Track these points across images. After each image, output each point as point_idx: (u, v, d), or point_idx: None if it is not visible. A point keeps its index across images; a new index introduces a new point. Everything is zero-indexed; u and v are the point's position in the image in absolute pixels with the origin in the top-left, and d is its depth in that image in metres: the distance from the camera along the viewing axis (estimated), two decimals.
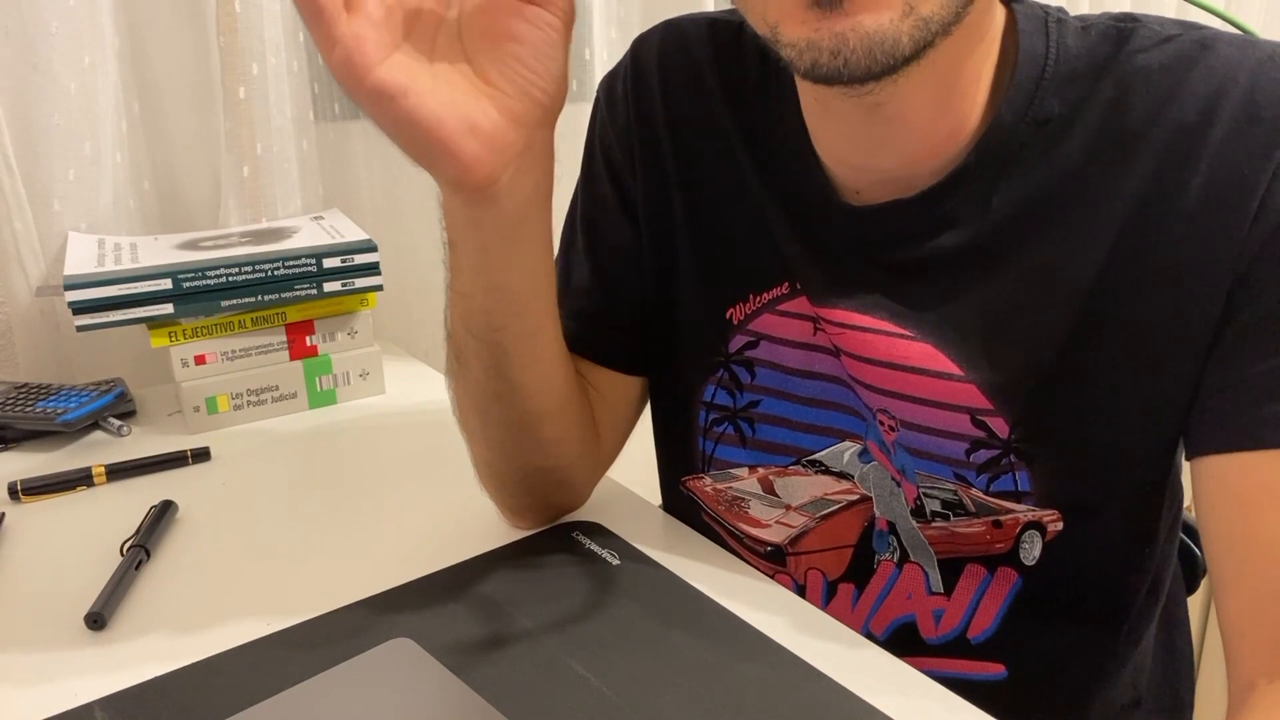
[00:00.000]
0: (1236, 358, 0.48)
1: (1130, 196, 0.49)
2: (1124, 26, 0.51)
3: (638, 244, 0.65)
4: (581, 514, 0.64)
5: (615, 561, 0.59)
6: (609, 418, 0.67)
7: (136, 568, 0.59)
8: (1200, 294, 0.48)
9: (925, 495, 0.57)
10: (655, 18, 0.68)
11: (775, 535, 0.64)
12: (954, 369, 0.54)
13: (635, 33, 1.14)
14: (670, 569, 0.58)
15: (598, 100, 0.67)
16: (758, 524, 0.64)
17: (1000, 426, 0.54)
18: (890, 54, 0.43)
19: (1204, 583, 0.77)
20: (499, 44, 0.45)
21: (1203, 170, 0.47)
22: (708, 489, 0.66)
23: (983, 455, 0.54)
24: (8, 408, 0.78)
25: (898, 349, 0.55)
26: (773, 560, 0.65)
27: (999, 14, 0.51)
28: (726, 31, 0.62)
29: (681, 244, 0.63)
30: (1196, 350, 0.49)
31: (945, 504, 0.57)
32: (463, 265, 0.52)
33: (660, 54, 0.64)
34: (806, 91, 0.55)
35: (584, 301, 0.66)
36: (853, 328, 0.56)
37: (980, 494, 0.55)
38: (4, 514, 0.67)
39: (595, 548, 0.60)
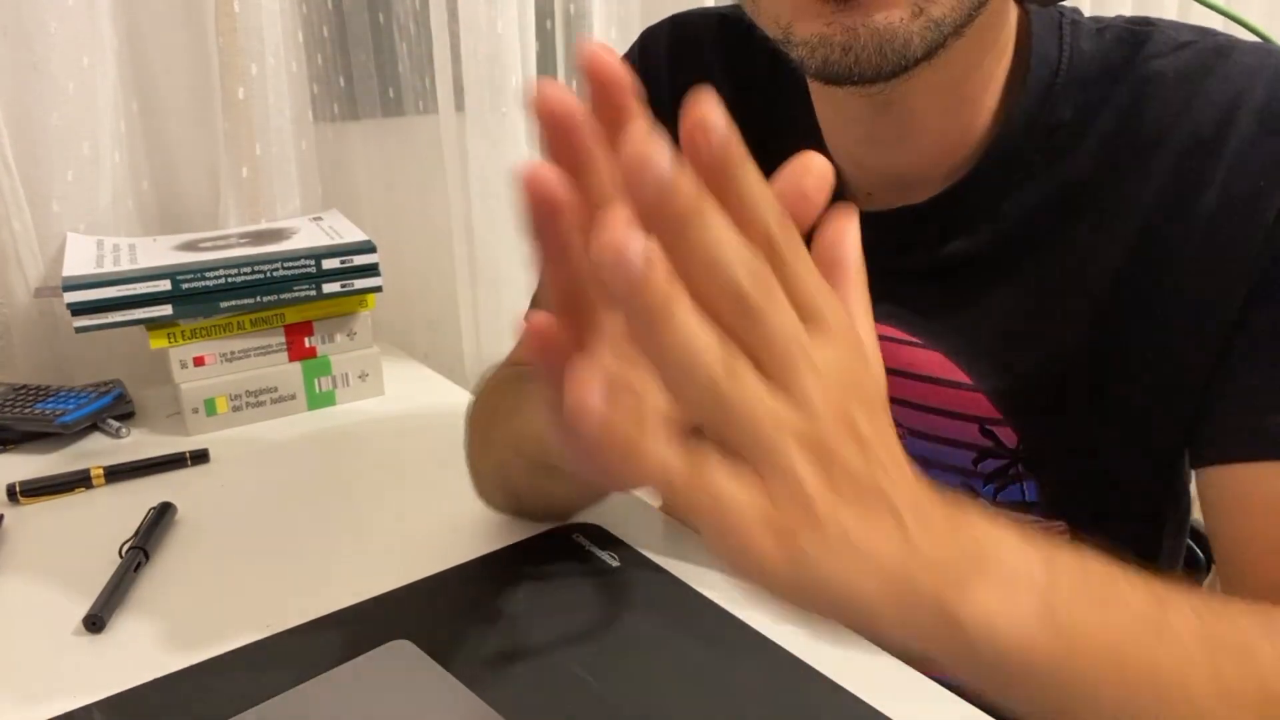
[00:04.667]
0: (1246, 368, 0.48)
1: (1144, 206, 0.49)
2: (1139, 30, 0.50)
3: None
4: (581, 516, 0.64)
5: (615, 564, 0.58)
6: None
7: (135, 570, 0.59)
8: (1214, 305, 0.48)
9: None
10: (655, 18, 0.68)
11: None
12: (963, 378, 0.53)
13: (635, 33, 1.15)
14: (670, 572, 0.58)
15: None
16: None
17: (1008, 436, 0.53)
18: (901, 53, 0.43)
19: (1204, 583, 0.76)
20: None
21: (1218, 182, 0.47)
22: None
23: (990, 465, 0.54)
24: (6, 409, 0.78)
25: (905, 356, 0.54)
26: None
27: (1012, 16, 0.51)
28: (736, 28, 0.62)
29: None
30: (1208, 361, 0.49)
31: None
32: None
33: (670, 49, 0.63)
34: (819, 92, 0.55)
35: None
36: None
37: (987, 503, 0.55)
38: (3, 516, 0.66)
39: (595, 550, 0.60)
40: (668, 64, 0.63)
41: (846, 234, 0.33)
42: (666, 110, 0.68)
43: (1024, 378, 0.52)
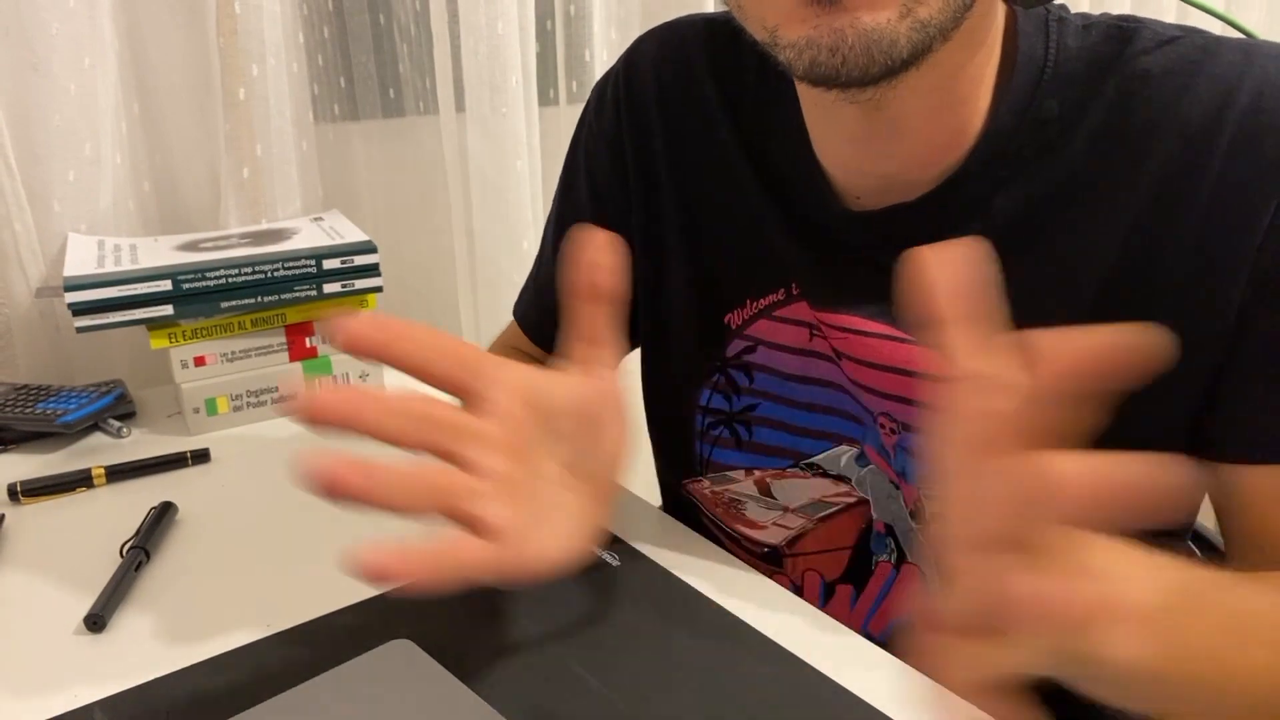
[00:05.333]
0: (1260, 370, 0.48)
1: (1137, 204, 0.49)
2: (1126, 27, 0.51)
3: None
4: None
5: (615, 563, 0.59)
6: None
7: (136, 569, 0.59)
8: (1210, 306, 0.48)
9: (926, 497, 0.57)
10: (655, 18, 0.68)
11: (772, 537, 0.64)
12: None
13: (635, 34, 1.14)
14: (670, 570, 0.58)
15: (588, 106, 0.68)
16: (754, 525, 0.64)
17: None
18: (888, 54, 0.43)
19: None
20: (588, 435, 0.43)
21: (1210, 180, 0.47)
22: (706, 491, 0.66)
23: None
24: (7, 409, 0.78)
25: (900, 354, 0.54)
26: (769, 562, 0.65)
27: (1000, 17, 0.51)
28: (724, 34, 0.62)
29: (675, 251, 0.63)
30: (1206, 361, 0.49)
31: None
32: None
33: (656, 60, 0.64)
34: (807, 96, 0.55)
35: (548, 296, 0.71)
36: (855, 332, 0.56)
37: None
38: (4, 515, 0.66)
39: (595, 549, 0.60)
40: (654, 73, 0.64)
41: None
42: (651, 119, 0.69)
43: None
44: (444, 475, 0.40)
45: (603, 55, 1.12)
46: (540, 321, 0.73)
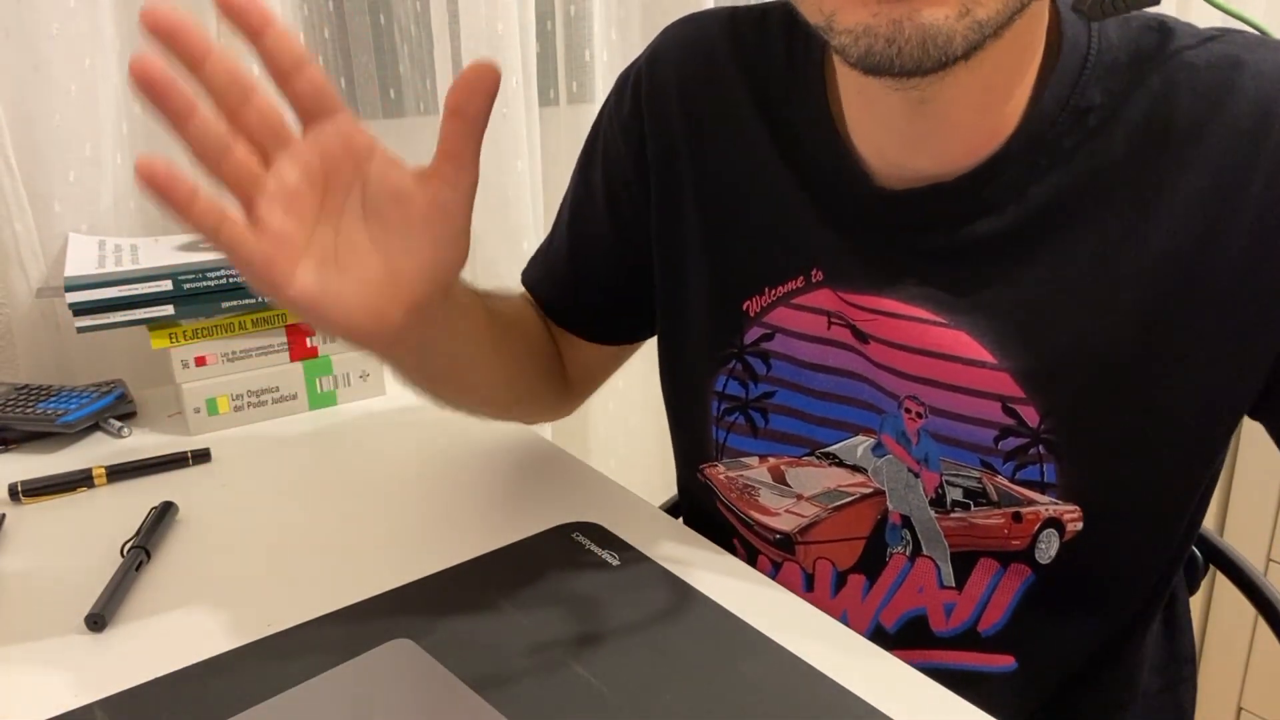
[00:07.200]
0: None
1: (1186, 199, 0.49)
2: (1165, 20, 0.52)
3: (613, 239, 0.68)
4: (581, 515, 0.64)
5: (615, 562, 0.59)
6: (578, 371, 0.75)
7: (137, 569, 0.59)
8: (1268, 308, 0.49)
9: (948, 483, 0.57)
10: (655, 18, 0.68)
11: (784, 524, 0.64)
12: (987, 357, 0.54)
13: (635, 34, 1.14)
14: (670, 570, 0.58)
15: (610, 94, 0.69)
16: (767, 511, 0.64)
17: (1030, 415, 0.54)
18: (944, 50, 0.43)
19: (1204, 584, 0.77)
20: (407, 229, 0.48)
21: (1261, 182, 0.48)
22: (721, 476, 0.66)
23: (1011, 443, 0.54)
24: (8, 409, 0.78)
25: (930, 336, 0.55)
26: (781, 548, 0.65)
27: (1044, 13, 0.52)
28: (748, 23, 0.63)
29: (694, 238, 0.63)
30: (1258, 359, 0.50)
31: (967, 492, 0.57)
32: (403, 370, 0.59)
33: (680, 52, 0.64)
34: (851, 84, 0.55)
35: (558, 270, 0.72)
36: (886, 314, 0.56)
37: (1005, 482, 0.55)
38: (4, 515, 0.67)
39: (595, 549, 0.60)
40: (676, 65, 0.64)
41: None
42: (672, 110, 0.69)
43: (1048, 359, 0.53)
44: (238, 149, 0.44)
45: (603, 55, 1.11)
46: (551, 295, 0.73)
